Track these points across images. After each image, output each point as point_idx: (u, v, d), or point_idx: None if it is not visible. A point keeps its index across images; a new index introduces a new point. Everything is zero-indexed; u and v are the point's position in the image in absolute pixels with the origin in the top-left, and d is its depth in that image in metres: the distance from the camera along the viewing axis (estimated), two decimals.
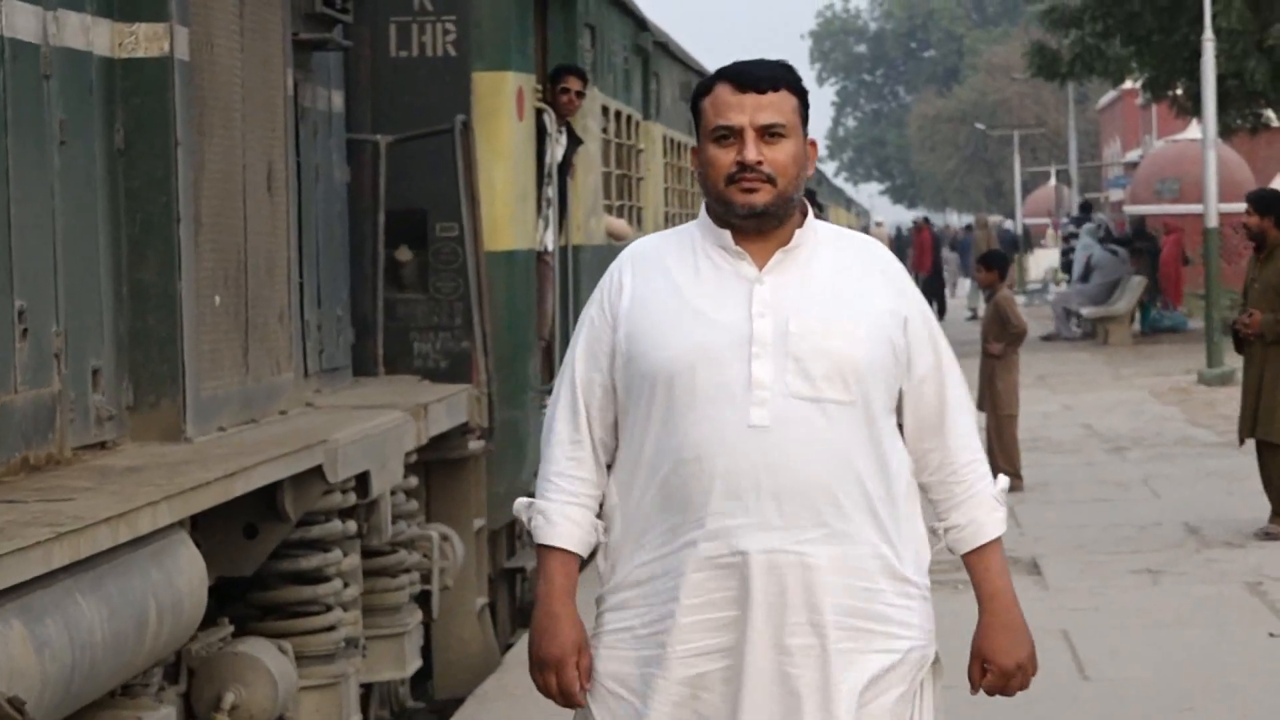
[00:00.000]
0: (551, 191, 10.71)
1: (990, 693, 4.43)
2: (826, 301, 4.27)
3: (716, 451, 4.20)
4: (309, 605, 7.06)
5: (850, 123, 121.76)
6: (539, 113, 10.58)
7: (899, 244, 52.15)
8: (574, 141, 11.16)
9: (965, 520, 4.40)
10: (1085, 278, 34.43)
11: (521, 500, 4.45)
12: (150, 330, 6.64)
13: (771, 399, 4.20)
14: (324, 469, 6.71)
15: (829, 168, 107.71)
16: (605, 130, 12.74)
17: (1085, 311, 33.74)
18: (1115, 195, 57.56)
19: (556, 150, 10.81)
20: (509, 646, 10.41)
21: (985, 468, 4.46)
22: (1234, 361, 23.96)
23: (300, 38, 8.15)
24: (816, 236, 4.36)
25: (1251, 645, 9.44)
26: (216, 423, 6.91)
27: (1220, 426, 18.96)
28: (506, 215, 9.92)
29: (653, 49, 14.72)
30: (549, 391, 11.76)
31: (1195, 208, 32.97)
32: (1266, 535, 12.30)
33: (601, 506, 4.43)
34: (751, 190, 4.23)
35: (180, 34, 6.66)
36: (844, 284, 4.31)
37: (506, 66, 9.87)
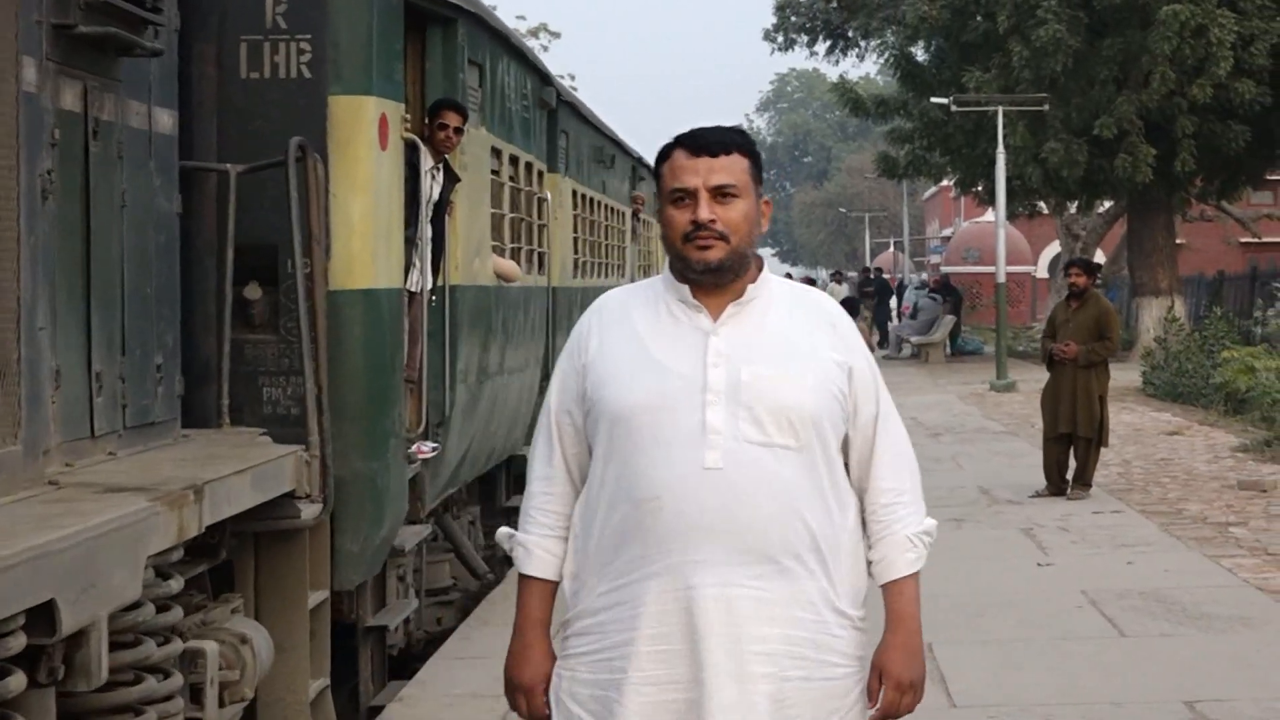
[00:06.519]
0: (425, 230, 6.68)
1: (884, 711, 2.84)
2: (777, 352, 2.79)
3: (674, 491, 2.71)
4: None
5: None
6: (412, 146, 6.50)
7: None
8: (451, 179, 6.95)
9: (879, 557, 2.88)
10: (913, 316, 33.81)
11: (503, 531, 2.96)
12: None
13: (724, 443, 2.72)
14: None
15: None
16: (497, 173, 8.37)
17: (913, 339, 32.78)
18: (935, 259, 55.57)
19: (433, 187, 6.80)
20: (378, 710, 6.42)
21: (907, 510, 2.89)
22: (1015, 375, 24.43)
23: (77, 31, 4.24)
24: (770, 291, 2.86)
25: (1025, 571, 8.97)
26: None
27: (1005, 420, 18.13)
28: (366, 250, 5.82)
29: (559, 107, 10.48)
30: (420, 438, 6.47)
31: (990, 269, 33.24)
32: (1036, 495, 11.64)
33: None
34: (706, 247, 2.76)
35: None
36: (795, 336, 2.82)
37: (368, 91, 5.75)
